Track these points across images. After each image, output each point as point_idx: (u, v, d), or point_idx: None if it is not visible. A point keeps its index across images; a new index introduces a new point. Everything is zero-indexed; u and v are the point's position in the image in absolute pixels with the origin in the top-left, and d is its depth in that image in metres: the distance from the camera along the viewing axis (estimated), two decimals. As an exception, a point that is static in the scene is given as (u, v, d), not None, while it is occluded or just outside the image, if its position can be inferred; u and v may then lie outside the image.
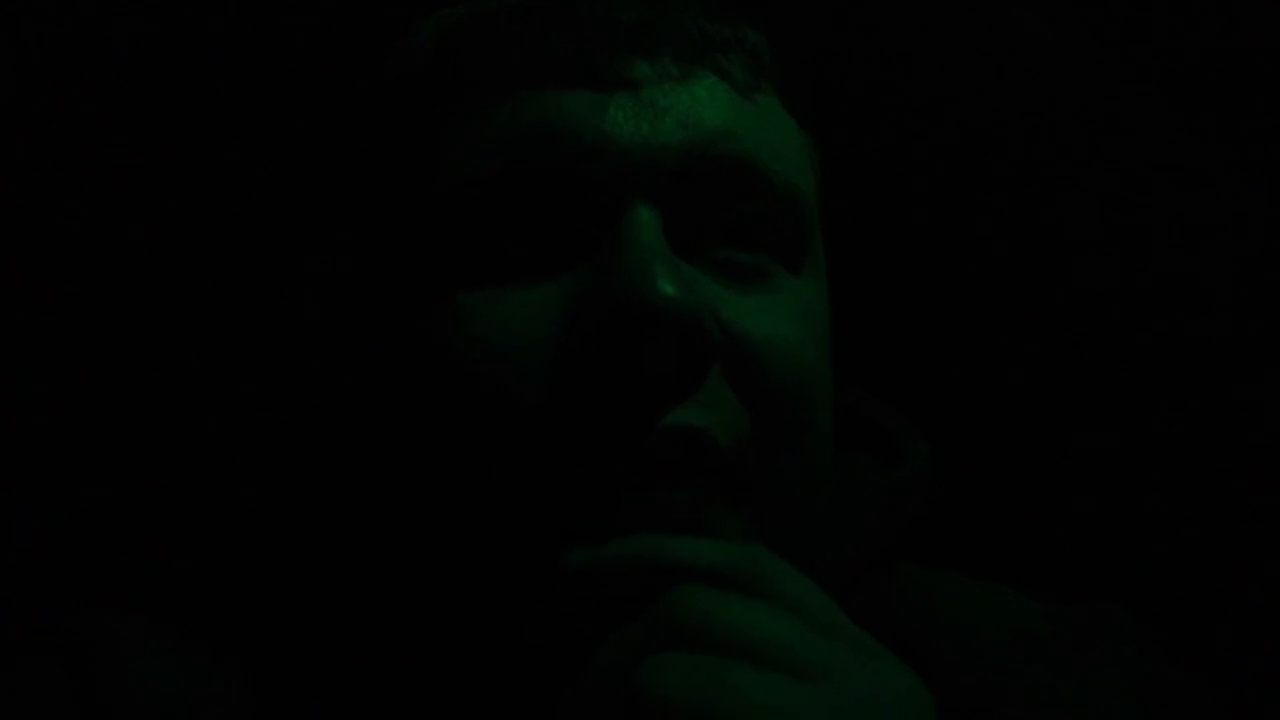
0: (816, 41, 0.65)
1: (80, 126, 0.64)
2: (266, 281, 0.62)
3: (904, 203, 0.69)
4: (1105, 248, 0.67)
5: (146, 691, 0.45)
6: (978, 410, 0.67)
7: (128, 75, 0.64)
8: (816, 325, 0.46)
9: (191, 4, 0.64)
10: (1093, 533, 0.66)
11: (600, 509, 0.40)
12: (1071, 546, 0.66)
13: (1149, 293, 0.67)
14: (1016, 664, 0.48)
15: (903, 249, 0.69)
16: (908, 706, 0.36)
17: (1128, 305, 0.67)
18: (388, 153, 0.47)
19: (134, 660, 0.46)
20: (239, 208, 0.64)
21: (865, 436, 0.53)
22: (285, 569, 0.49)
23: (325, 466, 0.50)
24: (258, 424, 0.57)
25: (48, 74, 0.63)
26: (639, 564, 0.38)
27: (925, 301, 0.69)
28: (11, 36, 0.62)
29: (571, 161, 0.42)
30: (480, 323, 0.42)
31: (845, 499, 0.50)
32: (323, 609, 0.47)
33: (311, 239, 0.52)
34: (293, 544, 0.49)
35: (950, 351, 0.68)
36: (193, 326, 0.63)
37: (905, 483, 0.51)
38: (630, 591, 0.37)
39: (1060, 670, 0.47)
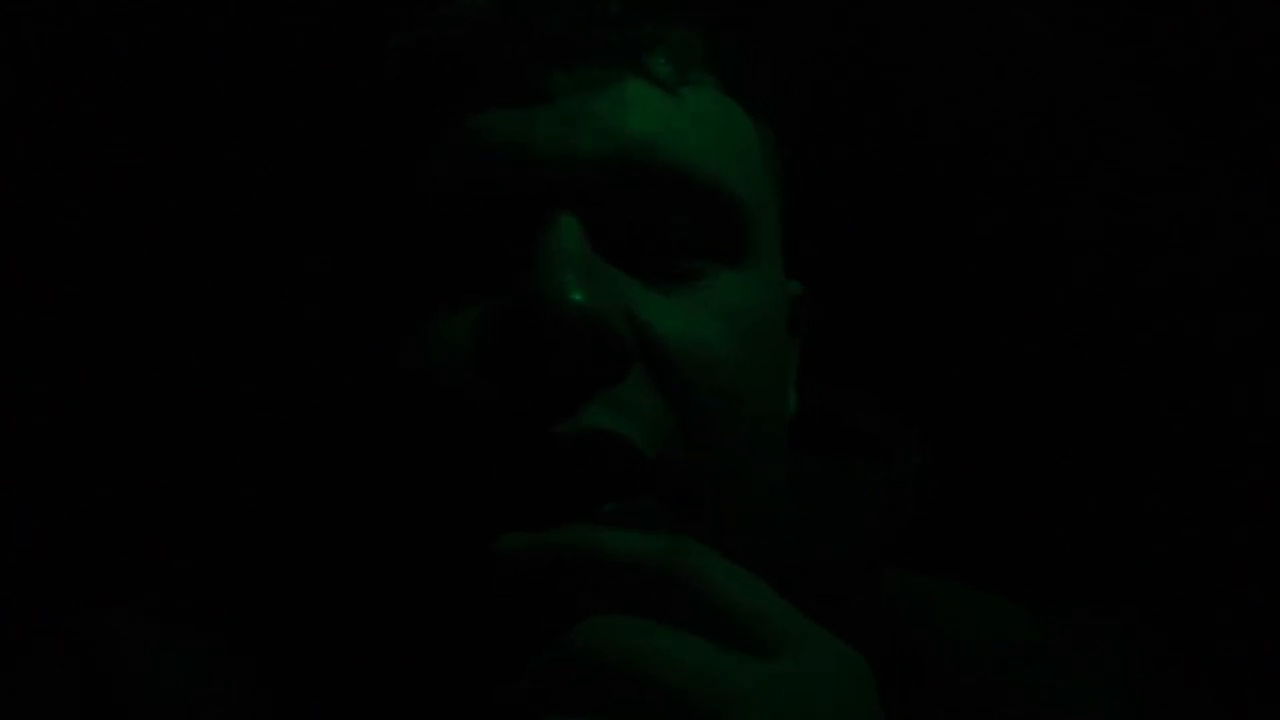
0: (815, 41, 0.65)
1: (80, 126, 0.64)
2: (266, 281, 0.62)
3: (903, 202, 0.69)
4: (1105, 248, 0.67)
5: (148, 691, 0.45)
6: (977, 410, 0.67)
7: (127, 75, 0.64)
8: (750, 319, 0.45)
9: (191, 4, 0.64)
10: (1093, 533, 0.66)
11: (524, 514, 0.40)
12: (1071, 546, 0.66)
13: (1149, 293, 0.67)
14: (1014, 665, 0.48)
15: (902, 249, 0.69)
16: (840, 694, 0.35)
17: (1128, 305, 0.67)
18: (365, 162, 0.49)
19: (135, 660, 0.46)
20: (239, 207, 0.64)
21: (860, 439, 0.53)
22: (284, 568, 0.49)
23: (323, 465, 0.50)
24: (257, 424, 0.57)
25: (47, 74, 0.63)
26: (568, 551, 0.38)
27: (925, 301, 0.69)
28: (12, 37, 0.62)
29: (498, 181, 0.43)
30: (424, 338, 0.43)
31: (838, 501, 0.50)
32: (322, 607, 0.47)
33: (310, 239, 0.52)
34: (291, 543, 0.49)
35: (950, 351, 0.68)
36: (193, 326, 0.63)
37: (894, 484, 0.51)
38: (562, 581, 0.38)
39: (1058, 672, 0.48)
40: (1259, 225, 0.66)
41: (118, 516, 0.60)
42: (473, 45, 0.46)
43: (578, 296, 0.40)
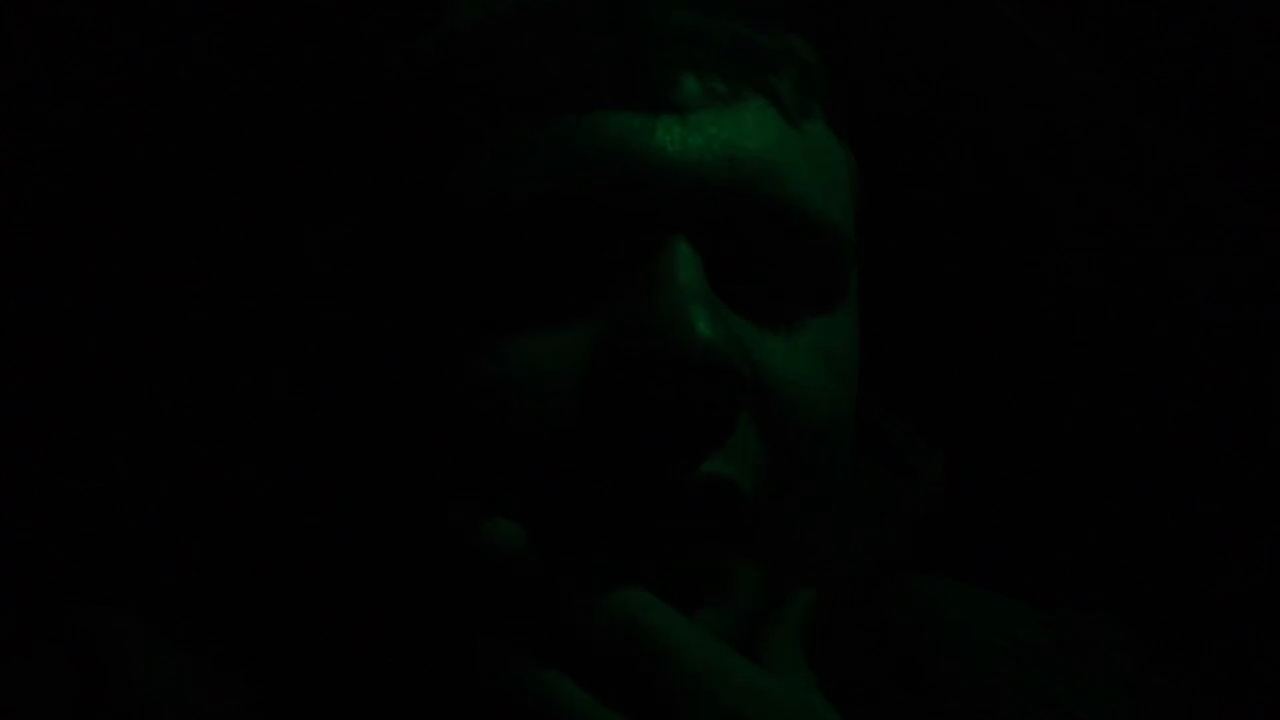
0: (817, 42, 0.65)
1: (91, 125, 0.63)
2: (282, 278, 0.61)
3: (903, 205, 0.69)
4: (1106, 249, 0.67)
5: (148, 688, 0.45)
6: (976, 411, 0.67)
7: (148, 69, 0.63)
8: (843, 364, 0.44)
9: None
10: (1096, 534, 0.66)
11: (624, 556, 0.39)
12: (1072, 547, 0.66)
13: (1150, 293, 0.67)
14: (1016, 670, 0.48)
15: (900, 252, 0.69)
16: None
17: (1128, 306, 0.67)
18: (408, 155, 0.45)
19: (134, 659, 0.45)
20: (252, 201, 0.64)
21: (874, 445, 0.53)
22: (287, 569, 0.49)
23: (333, 468, 0.50)
24: (264, 423, 0.57)
25: (71, 69, 0.63)
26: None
27: (923, 304, 0.69)
28: (13, 33, 0.62)
29: (613, 190, 0.40)
30: (511, 354, 0.40)
31: (858, 510, 0.49)
32: (324, 609, 0.47)
33: (329, 240, 0.51)
34: (296, 544, 0.49)
35: (948, 354, 0.68)
36: (196, 324, 0.63)
37: (919, 496, 0.51)
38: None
39: (1058, 677, 0.48)
40: (1259, 225, 0.66)
41: (117, 515, 0.60)
42: (582, 32, 0.42)
43: (708, 332, 0.38)
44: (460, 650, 0.42)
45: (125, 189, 0.64)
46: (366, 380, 0.46)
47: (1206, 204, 0.67)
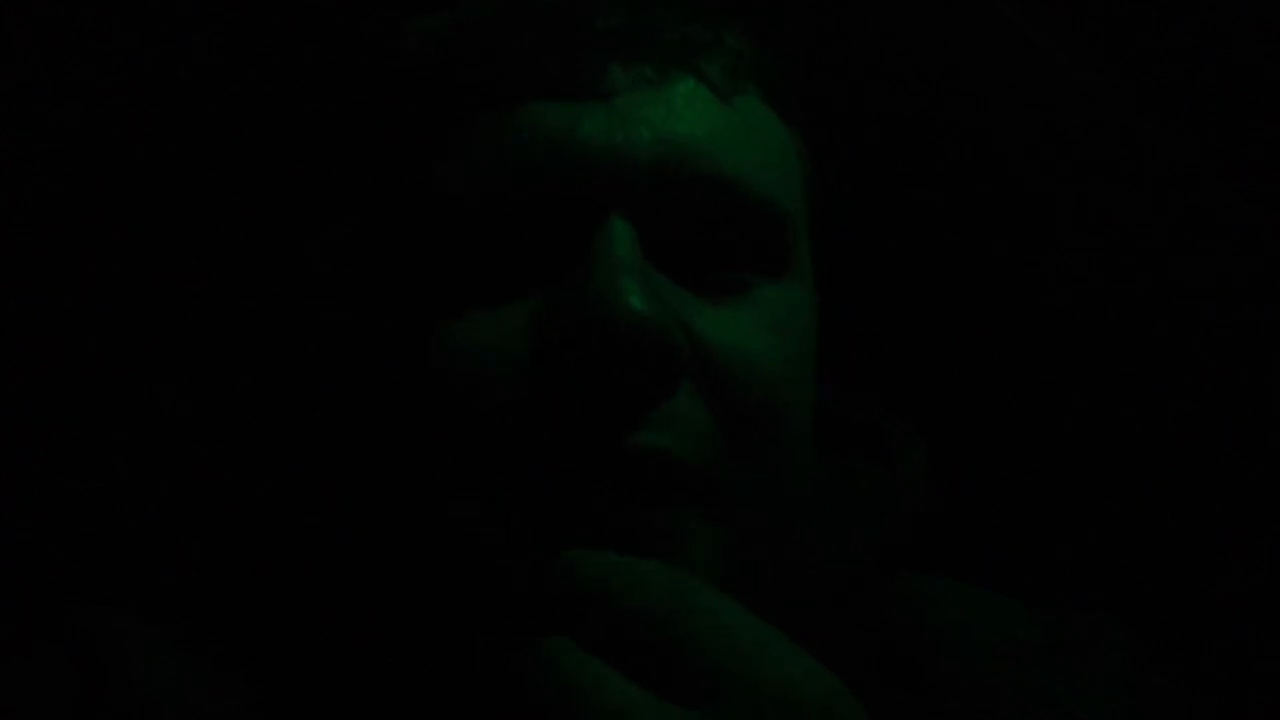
0: (811, 42, 0.65)
1: (92, 126, 0.63)
2: (282, 278, 0.61)
3: (903, 205, 0.69)
4: (1106, 249, 0.67)
5: (148, 688, 0.45)
6: (979, 413, 0.67)
7: (141, 70, 0.64)
8: (793, 334, 0.45)
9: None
10: (1094, 534, 0.66)
11: (571, 529, 0.40)
12: (1072, 547, 0.66)
13: (1150, 293, 0.67)
14: (1016, 670, 0.48)
15: (901, 251, 0.69)
16: None
17: (1128, 306, 0.67)
18: (385, 158, 0.47)
19: (135, 658, 0.46)
20: (251, 201, 0.64)
21: (863, 440, 0.53)
22: (287, 569, 0.49)
23: (333, 468, 0.50)
24: (264, 422, 0.57)
25: (71, 69, 0.63)
26: (574, 578, 0.37)
27: (920, 302, 0.69)
28: (13, 33, 0.62)
29: (546, 176, 0.42)
30: (463, 338, 0.42)
31: (845, 504, 0.50)
32: (324, 609, 0.47)
33: (329, 240, 0.52)
34: (296, 544, 0.49)
35: (950, 354, 0.68)
36: (195, 323, 0.63)
37: (903, 487, 0.51)
38: (566, 603, 0.36)
39: (1055, 676, 0.48)
40: (1259, 226, 0.66)
41: (117, 515, 0.60)
42: (520, 34, 0.45)
43: (638, 305, 0.39)
44: (459, 649, 0.42)
45: (125, 189, 0.64)
46: (366, 380, 0.47)
47: (1206, 204, 0.67)
